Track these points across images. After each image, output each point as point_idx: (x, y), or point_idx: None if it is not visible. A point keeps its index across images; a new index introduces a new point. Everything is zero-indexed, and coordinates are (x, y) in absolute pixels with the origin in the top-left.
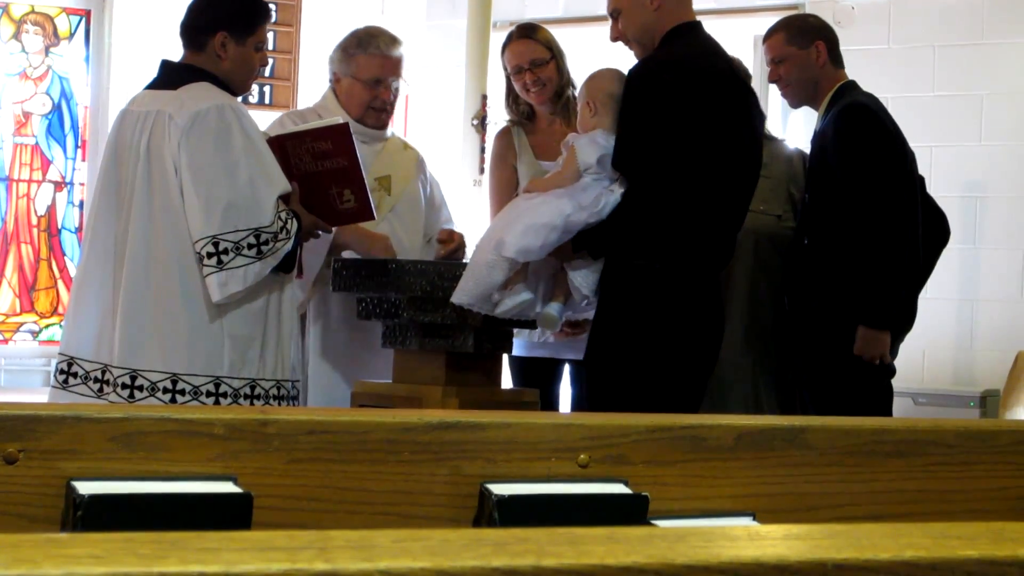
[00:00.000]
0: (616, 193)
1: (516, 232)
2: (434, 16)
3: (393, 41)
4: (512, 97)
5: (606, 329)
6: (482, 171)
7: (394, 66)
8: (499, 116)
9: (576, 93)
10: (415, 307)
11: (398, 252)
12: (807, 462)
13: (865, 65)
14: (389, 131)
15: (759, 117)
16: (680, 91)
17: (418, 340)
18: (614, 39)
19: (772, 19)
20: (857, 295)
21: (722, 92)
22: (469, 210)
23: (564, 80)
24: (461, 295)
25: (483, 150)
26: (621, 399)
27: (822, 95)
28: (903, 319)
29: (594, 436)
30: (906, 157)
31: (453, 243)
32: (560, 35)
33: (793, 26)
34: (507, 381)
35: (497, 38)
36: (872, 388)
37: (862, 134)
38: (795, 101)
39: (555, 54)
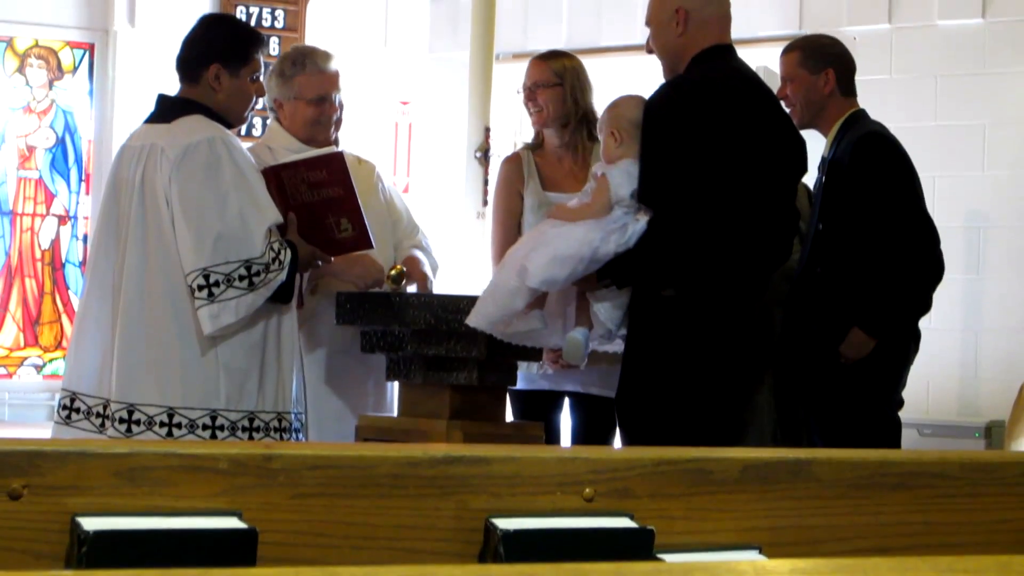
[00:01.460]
0: (642, 222)
1: (541, 262)
2: (436, 47)
3: (327, 56)
4: None
5: (638, 365)
6: (485, 203)
7: (334, 80)
8: (502, 148)
9: (592, 130)
10: (419, 340)
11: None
12: (813, 495)
13: (867, 94)
14: (341, 148)
15: (795, 143)
16: (700, 118)
17: (422, 373)
18: (648, 51)
19: (774, 49)
20: (862, 299)
21: (749, 117)
22: (472, 242)
23: (570, 110)
24: (479, 318)
25: (486, 182)
26: (658, 437)
27: (829, 122)
28: (904, 339)
29: (599, 470)
30: (920, 189)
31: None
32: None
33: (809, 48)
34: (508, 414)
35: (500, 70)
36: (880, 421)
37: (882, 166)
38: (799, 121)
39: (564, 82)
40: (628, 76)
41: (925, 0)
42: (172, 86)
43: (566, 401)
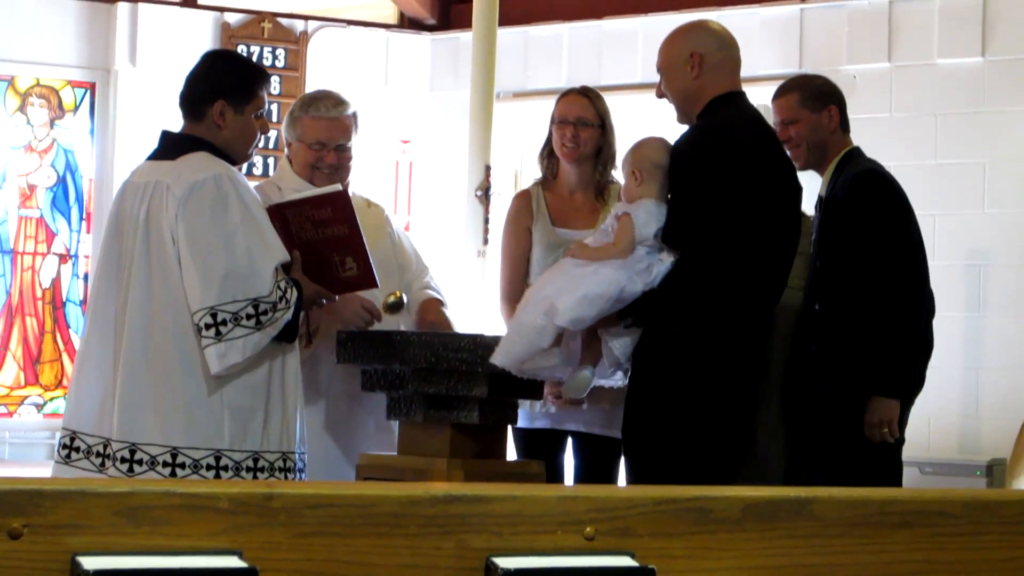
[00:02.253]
0: (666, 262)
1: (571, 301)
2: (437, 87)
3: (338, 103)
4: (547, 151)
5: (643, 399)
6: (486, 242)
7: (339, 128)
8: (503, 186)
9: (606, 168)
10: (420, 378)
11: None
12: (814, 533)
13: (868, 133)
14: (350, 191)
15: (798, 188)
16: (727, 163)
17: (423, 412)
18: (658, 96)
19: (773, 89)
20: (870, 363)
21: (765, 163)
22: (473, 280)
23: (603, 152)
24: (504, 358)
25: (487, 220)
26: (661, 469)
27: (828, 160)
28: (914, 388)
29: (600, 508)
30: (916, 226)
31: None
32: None
33: (807, 88)
34: (511, 453)
35: (500, 109)
36: (881, 459)
37: (878, 202)
38: (802, 163)
39: (605, 125)
40: (628, 114)
41: (925, 39)
42: (173, 125)
43: (569, 440)
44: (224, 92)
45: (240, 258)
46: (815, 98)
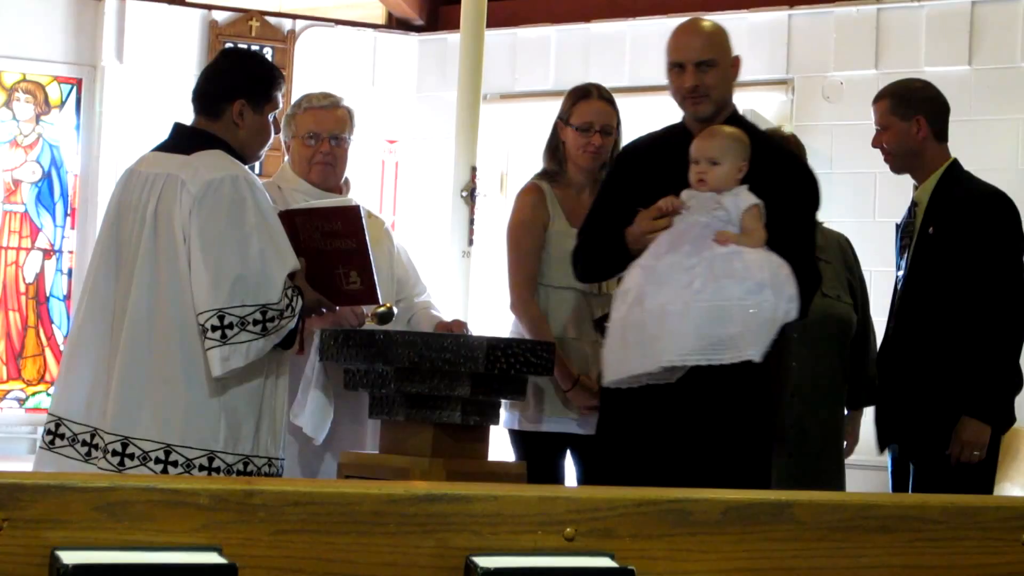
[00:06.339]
0: None
1: (786, 294)
2: (424, 88)
3: (327, 97)
4: (553, 147)
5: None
6: (471, 243)
7: (331, 119)
8: (488, 187)
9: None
10: (402, 378)
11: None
12: (794, 537)
13: (854, 140)
14: (351, 200)
15: None
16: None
17: (405, 411)
18: (693, 87)
19: (761, 94)
20: (964, 384)
21: None
22: (457, 281)
23: (612, 152)
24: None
25: (472, 222)
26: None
27: (927, 169)
28: (1008, 416)
29: (580, 509)
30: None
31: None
32: (551, 107)
33: (898, 95)
34: (507, 455)
35: (487, 110)
36: (974, 478)
37: (998, 226)
38: (896, 169)
39: (618, 127)
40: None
41: (912, 47)
42: (164, 121)
43: (570, 445)
44: (246, 91)
45: (253, 262)
46: (905, 105)
